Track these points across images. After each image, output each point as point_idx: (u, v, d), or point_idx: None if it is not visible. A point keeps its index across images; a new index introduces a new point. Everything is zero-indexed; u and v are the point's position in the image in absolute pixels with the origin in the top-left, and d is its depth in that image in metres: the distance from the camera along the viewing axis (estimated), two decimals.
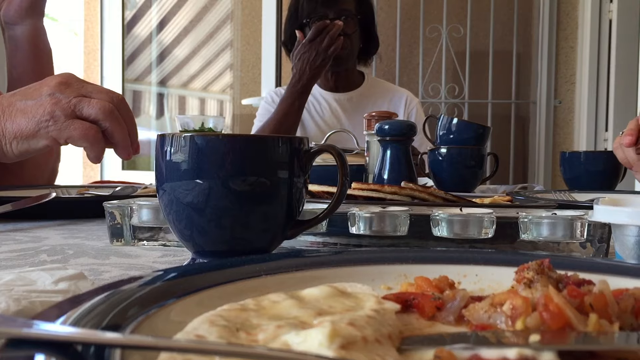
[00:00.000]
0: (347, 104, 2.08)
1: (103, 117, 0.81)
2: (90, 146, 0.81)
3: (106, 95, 0.83)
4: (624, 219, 0.46)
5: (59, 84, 0.81)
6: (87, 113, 0.81)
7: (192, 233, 0.52)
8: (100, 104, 0.81)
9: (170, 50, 4.39)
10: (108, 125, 0.82)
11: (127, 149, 0.85)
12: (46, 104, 0.79)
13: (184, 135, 0.51)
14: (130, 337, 0.24)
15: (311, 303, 0.33)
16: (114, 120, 0.82)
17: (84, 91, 0.82)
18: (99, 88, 0.85)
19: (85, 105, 0.80)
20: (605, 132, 3.30)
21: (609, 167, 1.26)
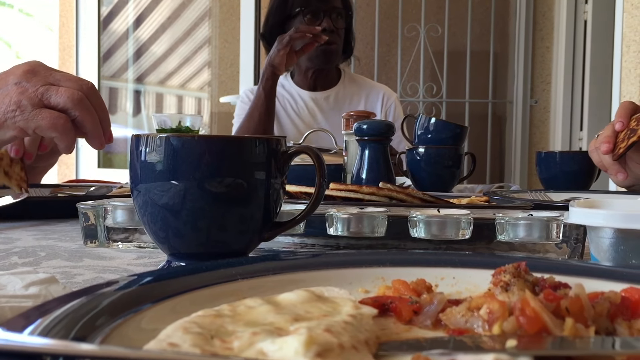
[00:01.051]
0: (324, 102, 2.07)
1: (72, 105, 0.78)
2: (59, 136, 0.78)
3: (75, 83, 0.80)
4: (599, 222, 0.46)
5: (25, 73, 0.78)
6: (55, 102, 0.78)
7: (168, 235, 0.51)
8: (69, 92, 0.78)
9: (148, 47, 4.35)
10: (78, 114, 0.78)
11: (99, 138, 0.82)
12: (12, 94, 0.76)
13: (160, 136, 0.50)
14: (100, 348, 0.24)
15: (288, 308, 0.32)
16: (84, 109, 0.79)
17: (51, 79, 0.79)
18: (68, 76, 0.81)
19: (53, 94, 0.77)
20: (580, 131, 3.34)
21: (584, 167, 1.28)
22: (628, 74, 2.50)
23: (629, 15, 2.50)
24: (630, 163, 1.07)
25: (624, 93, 2.50)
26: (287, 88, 2.10)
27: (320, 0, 1.92)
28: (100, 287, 0.32)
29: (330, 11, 1.92)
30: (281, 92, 2.08)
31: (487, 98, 3.61)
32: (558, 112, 3.40)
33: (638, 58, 2.43)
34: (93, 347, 0.24)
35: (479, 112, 3.60)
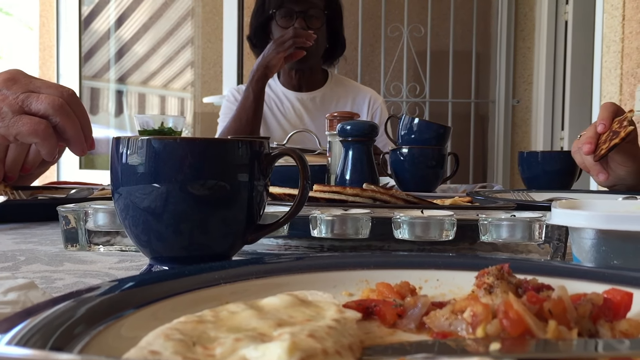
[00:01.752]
0: (310, 103, 2.07)
1: (53, 112, 0.78)
2: (41, 142, 0.78)
3: (55, 90, 0.80)
4: (581, 222, 0.47)
5: (5, 81, 0.78)
6: (36, 108, 0.78)
7: (150, 239, 0.51)
8: (49, 99, 0.78)
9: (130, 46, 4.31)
10: (59, 120, 0.79)
11: (81, 144, 0.82)
12: None
13: (141, 139, 0.50)
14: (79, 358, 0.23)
15: (271, 313, 0.32)
16: (65, 115, 0.79)
17: (32, 87, 0.79)
18: (48, 83, 0.81)
19: (33, 101, 0.77)
20: (561, 130, 3.38)
21: (565, 167, 1.29)
22: (608, 73, 2.53)
23: (608, 16, 2.52)
24: (612, 164, 1.08)
25: (604, 93, 2.53)
26: (273, 88, 2.10)
27: (293, 1, 1.92)
28: (79, 294, 0.31)
29: (304, 12, 1.91)
30: (267, 92, 2.07)
31: (470, 98, 3.63)
32: (540, 112, 3.44)
33: (618, 58, 2.46)
34: (71, 356, 0.23)
35: (461, 111, 3.62)
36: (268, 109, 2.06)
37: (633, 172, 1.07)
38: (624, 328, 0.32)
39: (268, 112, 2.06)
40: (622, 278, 0.38)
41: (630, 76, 2.40)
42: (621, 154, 1.05)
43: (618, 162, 1.06)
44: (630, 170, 1.07)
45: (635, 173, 1.07)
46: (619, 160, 1.06)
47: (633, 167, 1.07)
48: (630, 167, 1.06)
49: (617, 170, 1.07)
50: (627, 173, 1.07)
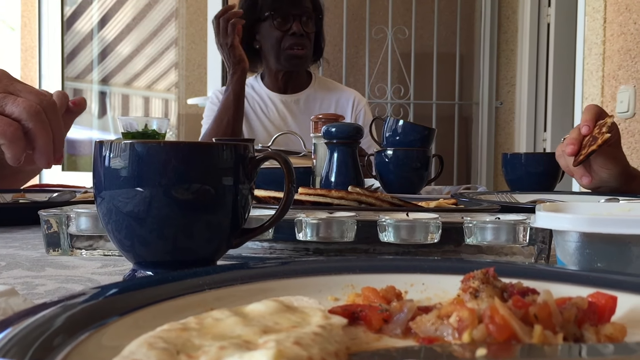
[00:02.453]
0: (295, 105, 2.07)
1: (27, 116, 0.77)
2: (7, 144, 0.76)
3: (36, 96, 0.79)
4: (565, 225, 0.47)
5: None
6: (10, 110, 0.76)
7: (133, 243, 0.50)
8: (26, 103, 0.77)
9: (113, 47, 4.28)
10: (31, 126, 0.77)
11: (48, 156, 0.80)
12: None
13: (124, 142, 0.49)
14: None
15: (256, 320, 0.32)
16: (39, 122, 0.77)
17: (12, 89, 0.78)
18: (30, 88, 0.80)
19: (9, 102, 0.76)
20: (544, 132, 3.40)
21: (548, 169, 1.30)
22: (590, 76, 2.56)
23: (590, 19, 2.55)
24: (595, 166, 1.09)
25: (586, 95, 2.56)
26: (257, 90, 2.09)
27: (290, 4, 1.91)
28: (58, 302, 0.31)
29: (300, 15, 1.91)
30: (251, 93, 2.07)
31: (454, 100, 3.65)
32: (522, 114, 3.46)
33: (600, 60, 2.49)
34: None
35: (445, 113, 3.64)
36: (252, 111, 2.05)
37: (616, 175, 1.08)
38: (608, 332, 0.32)
39: (252, 114, 2.05)
40: (606, 281, 0.38)
41: (611, 78, 2.43)
42: (602, 157, 1.06)
43: (600, 165, 1.07)
44: (612, 172, 1.08)
45: (618, 175, 1.09)
46: (601, 163, 1.07)
47: (615, 170, 1.08)
48: (612, 169, 1.08)
49: (600, 173, 1.08)
50: (609, 176, 1.08)
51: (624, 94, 2.30)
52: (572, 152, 1.05)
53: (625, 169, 1.10)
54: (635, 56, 2.27)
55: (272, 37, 1.95)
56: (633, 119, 2.25)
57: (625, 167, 1.11)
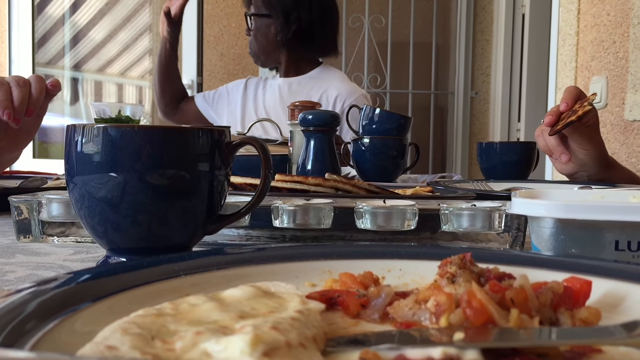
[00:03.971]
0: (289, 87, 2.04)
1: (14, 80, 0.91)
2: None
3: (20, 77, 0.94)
4: (541, 212, 0.47)
5: None
6: None
7: (106, 230, 0.49)
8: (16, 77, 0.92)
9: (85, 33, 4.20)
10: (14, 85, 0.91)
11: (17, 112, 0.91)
12: None
13: (97, 126, 0.48)
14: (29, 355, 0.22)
15: (233, 305, 0.31)
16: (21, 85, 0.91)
17: None
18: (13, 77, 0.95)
19: None
20: (517, 122, 3.44)
21: (523, 158, 1.31)
22: (564, 66, 2.58)
23: (564, 10, 2.58)
24: (573, 145, 1.10)
25: (560, 85, 2.59)
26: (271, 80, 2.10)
27: None
28: (30, 287, 0.30)
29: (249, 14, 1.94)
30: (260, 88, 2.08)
31: (430, 89, 3.67)
32: (497, 104, 3.49)
33: (573, 51, 2.51)
34: (22, 353, 0.22)
35: (421, 103, 3.65)
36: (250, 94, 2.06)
37: (594, 157, 1.09)
38: (583, 316, 0.32)
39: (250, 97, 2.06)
40: (581, 266, 0.38)
41: (584, 69, 2.46)
42: (579, 135, 1.07)
43: (577, 144, 1.08)
44: (590, 154, 1.09)
45: (596, 158, 1.09)
46: (578, 142, 1.08)
47: (593, 152, 1.09)
48: (589, 150, 1.08)
49: (578, 153, 1.09)
50: (587, 157, 1.09)
51: (596, 84, 2.33)
52: (550, 122, 1.05)
53: (602, 154, 1.11)
54: (608, 47, 2.30)
55: None
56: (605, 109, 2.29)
57: (602, 152, 1.12)
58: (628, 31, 2.17)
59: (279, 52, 2.02)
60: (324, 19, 2.03)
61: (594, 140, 1.10)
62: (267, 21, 1.95)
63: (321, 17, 2.02)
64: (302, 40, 2.01)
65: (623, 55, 2.21)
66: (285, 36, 1.97)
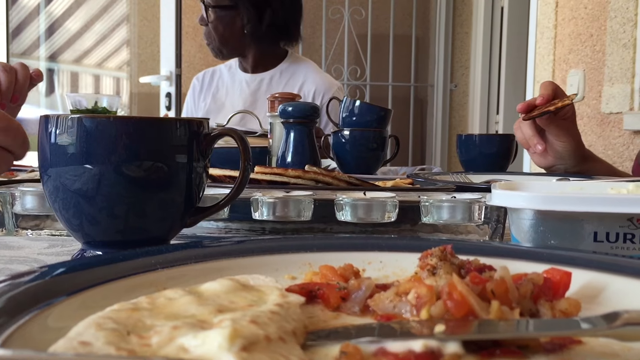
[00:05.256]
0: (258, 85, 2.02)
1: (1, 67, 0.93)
2: None
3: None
4: (520, 203, 0.47)
5: None
6: None
7: (82, 222, 0.48)
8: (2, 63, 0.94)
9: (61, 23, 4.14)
10: None
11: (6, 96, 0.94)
12: None
13: (71, 117, 0.47)
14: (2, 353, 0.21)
15: (211, 299, 0.31)
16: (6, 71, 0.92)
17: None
18: None
19: None
20: (496, 115, 3.46)
21: (501, 150, 1.32)
22: (542, 59, 2.60)
23: (543, 3, 2.59)
24: (550, 137, 1.10)
25: (538, 78, 2.61)
26: (232, 68, 2.06)
27: None
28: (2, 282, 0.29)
29: (206, 5, 1.85)
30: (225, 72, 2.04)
31: (409, 82, 3.68)
32: (476, 96, 3.51)
33: (551, 44, 2.53)
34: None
35: (401, 95, 3.66)
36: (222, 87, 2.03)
37: (571, 150, 1.10)
38: (563, 307, 0.32)
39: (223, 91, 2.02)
40: (561, 258, 0.38)
41: (562, 62, 2.48)
42: (555, 127, 1.08)
43: (554, 136, 1.09)
44: (567, 146, 1.09)
45: (573, 151, 1.10)
46: (555, 134, 1.09)
47: (570, 144, 1.10)
48: (566, 142, 1.09)
49: (555, 145, 1.10)
50: (564, 149, 1.10)
51: (574, 77, 2.36)
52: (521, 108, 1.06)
53: (579, 147, 1.12)
54: (585, 40, 2.32)
55: None
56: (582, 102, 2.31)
57: (579, 145, 1.13)
58: (605, 24, 2.19)
59: (244, 46, 1.95)
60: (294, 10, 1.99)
61: (571, 132, 1.10)
62: (231, 12, 1.87)
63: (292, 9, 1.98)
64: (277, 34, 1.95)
65: (600, 48, 2.23)
66: (257, 30, 1.90)
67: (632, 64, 2.04)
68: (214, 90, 2.04)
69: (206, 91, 2.04)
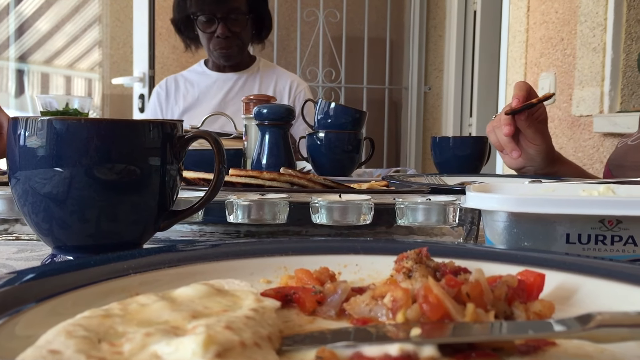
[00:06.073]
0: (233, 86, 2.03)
1: None
2: None
3: None
4: (494, 206, 0.48)
5: None
6: None
7: (52, 227, 0.47)
8: None
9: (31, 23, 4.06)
10: None
11: None
12: None
13: (41, 119, 0.46)
14: None
15: (185, 304, 0.30)
16: None
17: None
18: None
19: None
20: (470, 117, 3.50)
21: (475, 152, 1.33)
22: (514, 62, 2.64)
23: (514, 7, 2.63)
24: (524, 142, 1.12)
25: (510, 81, 2.64)
26: (200, 73, 2.06)
27: (214, 5, 1.86)
28: None
29: (225, 17, 1.87)
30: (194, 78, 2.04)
31: (384, 84, 3.69)
32: (450, 99, 3.54)
33: (523, 48, 2.57)
34: None
35: (376, 97, 3.67)
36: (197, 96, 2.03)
37: (542, 152, 1.12)
38: (537, 309, 0.32)
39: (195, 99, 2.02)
40: (534, 260, 0.39)
41: (533, 65, 2.51)
42: (533, 131, 1.10)
43: (530, 139, 1.10)
44: (539, 149, 1.11)
45: (544, 153, 1.12)
46: (531, 137, 1.10)
47: (542, 147, 1.11)
48: (540, 145, 1.11)
49: (528, 149, 1.12)
50: (537, 152, 1.11)
51: (545, 80, 2.39)
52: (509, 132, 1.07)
53: (550, 149, 1.14)
54: (556, 44, 2.36)
55: (202, 36, 1.95)
56: (553, 105, 2.35)
57: (550, 147, 1.14)
58: (575, 28, 2.23)
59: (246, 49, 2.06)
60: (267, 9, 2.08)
61: (544, 135, 1.12)
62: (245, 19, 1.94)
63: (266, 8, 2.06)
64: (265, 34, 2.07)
65: (571, 52, 2.27)
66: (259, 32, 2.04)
67: (602, 68, 2.08)
68: (184, 92, 2.04)
69: (175, 96, 2.05)
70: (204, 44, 1.98)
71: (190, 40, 2.03)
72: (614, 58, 2.05)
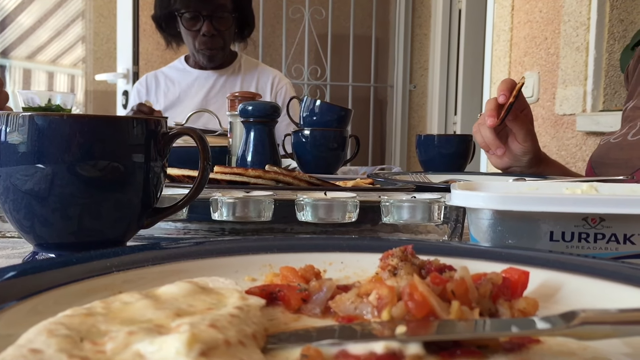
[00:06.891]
0: (215, 83, 2.03)
1: None
2: None
3: None
4: (479, 203, 0.48)
5: None
6: None
7: (33, 224, 0.47)
8: None
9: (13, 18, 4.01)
10: None
11: None
12: None
13: (22, 115, 0.46)
14: None
15: (168, 302, 0.30)
16: None
17: None
18: None
19: None
20: (454, 115, 3.51)
21: (460, 150, 1.33)
22: (498, 61, 2.65)
23: (499, 6, 2.64)
24: (511, 141, 1.13)
25: (494, 80, 2.66)
26: (181, 70, 2.05)
27: (200, 3, 1.85)
28: None
29: (211, 15, 1.86)
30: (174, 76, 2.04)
31: (369, 82, 3.70)
32: (435, 97, 3.56)
33: (507, 47, 2.58)
34: None
35: (361, 95, 3.68)
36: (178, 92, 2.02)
37: (529, 152, 1.12)
38: (521, 306, 0.32)
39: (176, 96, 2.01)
40: (519, 257, 0.39)
41: (517, 64, 2.53)
42: (519, 129, 1.10)
43: (521, 139, 1.11)
44: (526, 149, 1.12)
45: (531, 153, 1.13)
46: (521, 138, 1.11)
47: (529, 147, 1.12)
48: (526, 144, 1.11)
49: (514, 149, 1.12)
50: (522, 152, 1.12)
51: (529, 79, 2.41)
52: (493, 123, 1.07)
53: (536, 149, 1.15)
54: (540, 43, 2.37)
55: (186, 33, 1.93)
56: (537, 104, 2.36)
57: (536, 147, 1.15)
58: (559, 28, 2.25)
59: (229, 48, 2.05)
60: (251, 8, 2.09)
61: (531, 132, 1.13)
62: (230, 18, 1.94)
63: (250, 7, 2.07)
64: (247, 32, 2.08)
65: (554, 51, 2.29)
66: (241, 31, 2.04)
67: (585, 67, 2.10)
68: (164, 89, 2.03)
69: (156, 93, 2.04)
70: (187, 42, 1.97)
71: (172, 38, 2.02)
72: (597, 57, 2.07)
